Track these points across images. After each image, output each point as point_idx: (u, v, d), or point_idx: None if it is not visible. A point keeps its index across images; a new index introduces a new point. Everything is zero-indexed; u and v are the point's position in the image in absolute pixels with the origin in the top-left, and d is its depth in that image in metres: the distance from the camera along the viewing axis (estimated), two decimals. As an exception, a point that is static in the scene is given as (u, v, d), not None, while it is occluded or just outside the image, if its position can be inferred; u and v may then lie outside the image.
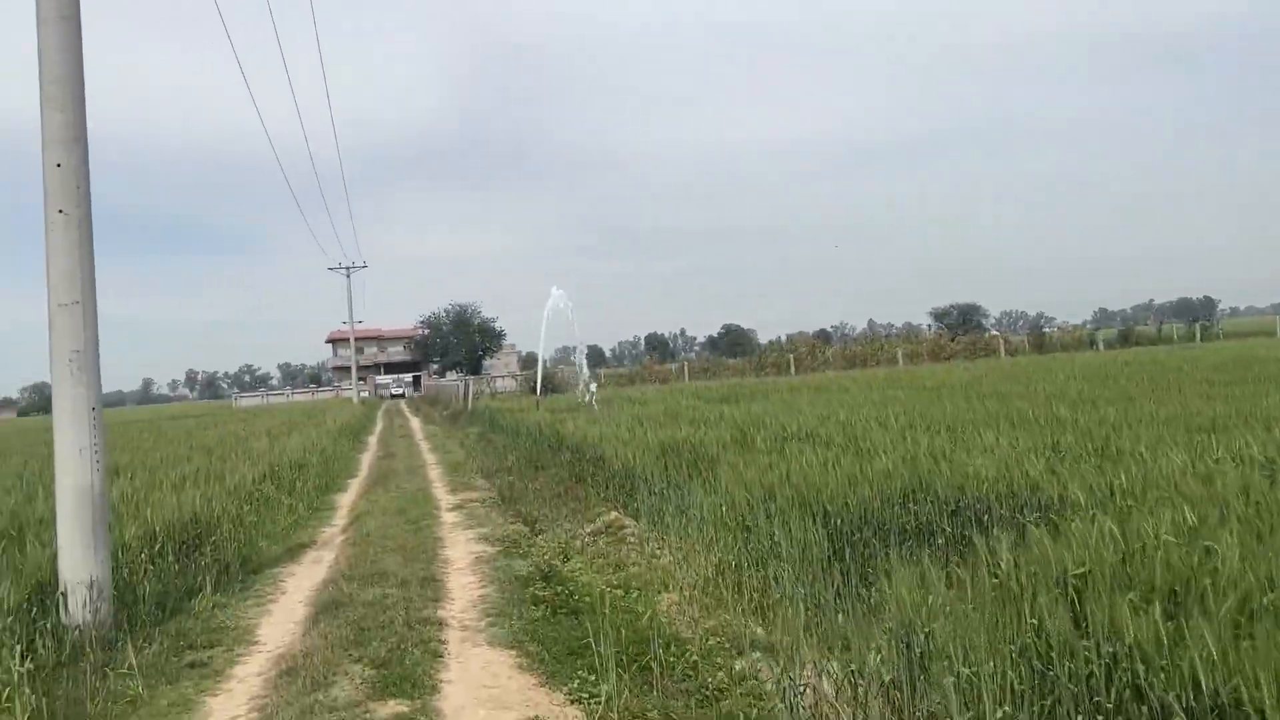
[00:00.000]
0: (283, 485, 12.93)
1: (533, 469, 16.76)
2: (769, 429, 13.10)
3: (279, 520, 10.81)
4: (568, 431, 16.30)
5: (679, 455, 10.68)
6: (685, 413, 18.18)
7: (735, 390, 28.33)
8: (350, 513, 12.01)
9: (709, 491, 8.57)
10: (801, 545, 6.37)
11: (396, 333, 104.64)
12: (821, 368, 47.44)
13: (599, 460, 12.70)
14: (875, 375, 31.12)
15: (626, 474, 11.01)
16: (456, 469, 16.36)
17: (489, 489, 13.69)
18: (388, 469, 17.17)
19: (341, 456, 19.88)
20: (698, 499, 8.42)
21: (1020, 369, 28.18)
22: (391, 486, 14.24)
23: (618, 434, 13.95)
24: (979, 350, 50.06)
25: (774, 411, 16.98)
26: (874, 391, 23.08)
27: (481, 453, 20.23)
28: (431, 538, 9.40)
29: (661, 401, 24.21)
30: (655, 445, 11.71)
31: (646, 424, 15.88)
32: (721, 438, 11.80)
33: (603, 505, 11.49)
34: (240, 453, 15.49)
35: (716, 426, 14.86)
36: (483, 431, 26.27)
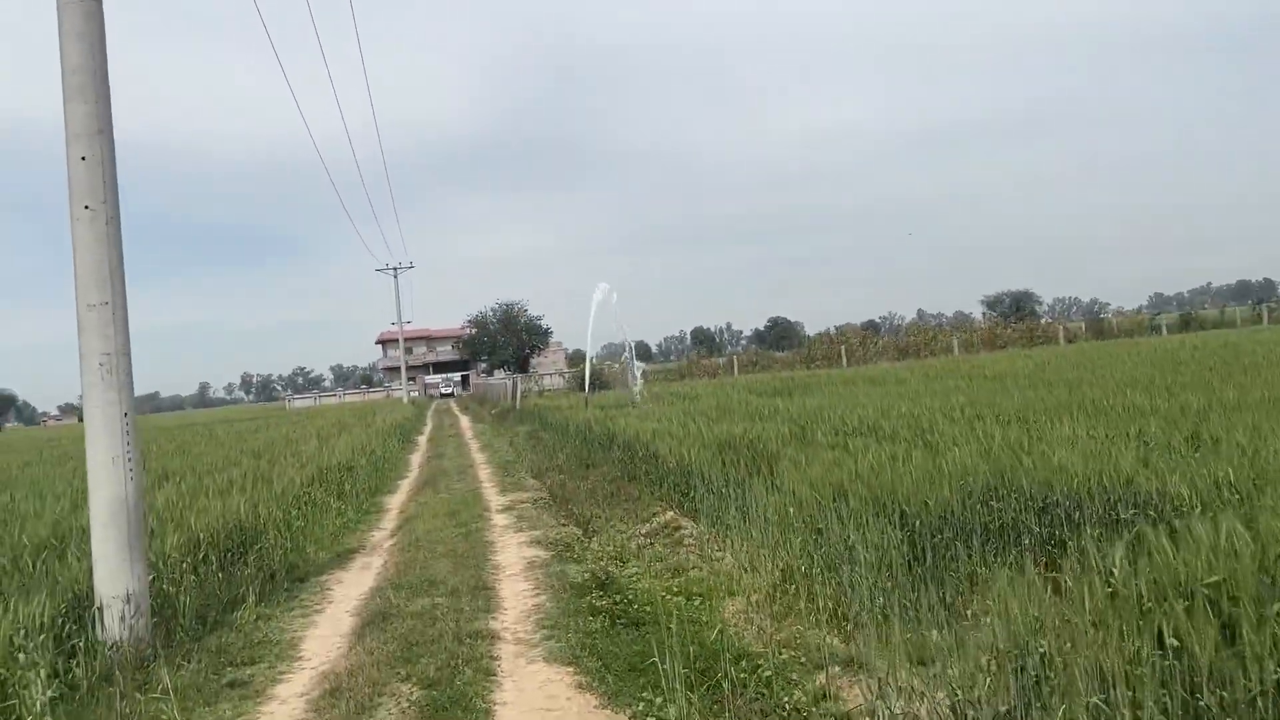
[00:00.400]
0: (331, 488, 12.69)
1: (583, 467, 16.39)
2: (828, 423, 12.56)
3: (327, 525, 10.54)
4: (618, 428, 15.90)
5: (737, 452, 10.20)
6: (738, 407, 17.68)
7: (787, 384, 27.76)
8: (400, 515, 11.72)
9: (771, 490, 8.08)
10: (879, 549, 5.87)
11: (445, 332, 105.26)
12: (874, 359, 46.45)
13: (652, 458, 12.27)
14: (931, 365, 30.28)
15: (682, 472, 10.56)
16: (506, 469, 16.04)
17: (539, 489, 13.33)
18: (437, 469, 16.91)
19: (391, 457, 19.70)
20: (760, 498, 7.95)
21: (1083, 355, 27.19)
22: (441, 488, 13.95)
23: (670, 430, 13.51)
24: (1035, 338, 48.71)
25: (830, 405, 16.41)
26: (933, 382, 22.36)
27: (531, 451, 19.92)
28: (482, 542, 9.05)
29: (712, 396, 23.70)
30: (711, 441, 11.24)
31: (699, 419, 15.41)
32: (780, 433, 11.29)
33: (657, 504, 11.06)
34: (289, 456, 15.33)
35: (772, 421, 14.34)
36: (532, 430, 26.00)
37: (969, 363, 30.28)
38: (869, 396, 18.00)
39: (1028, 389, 16.77)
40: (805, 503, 7.22)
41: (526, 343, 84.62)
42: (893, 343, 53.38)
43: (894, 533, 6.06)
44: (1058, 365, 23.75)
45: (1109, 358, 24.89)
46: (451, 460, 18.53)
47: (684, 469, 10.52)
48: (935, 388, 19.44)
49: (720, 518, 8.54)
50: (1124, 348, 30.57)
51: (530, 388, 49.14)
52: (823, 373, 33.89)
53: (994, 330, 50.62)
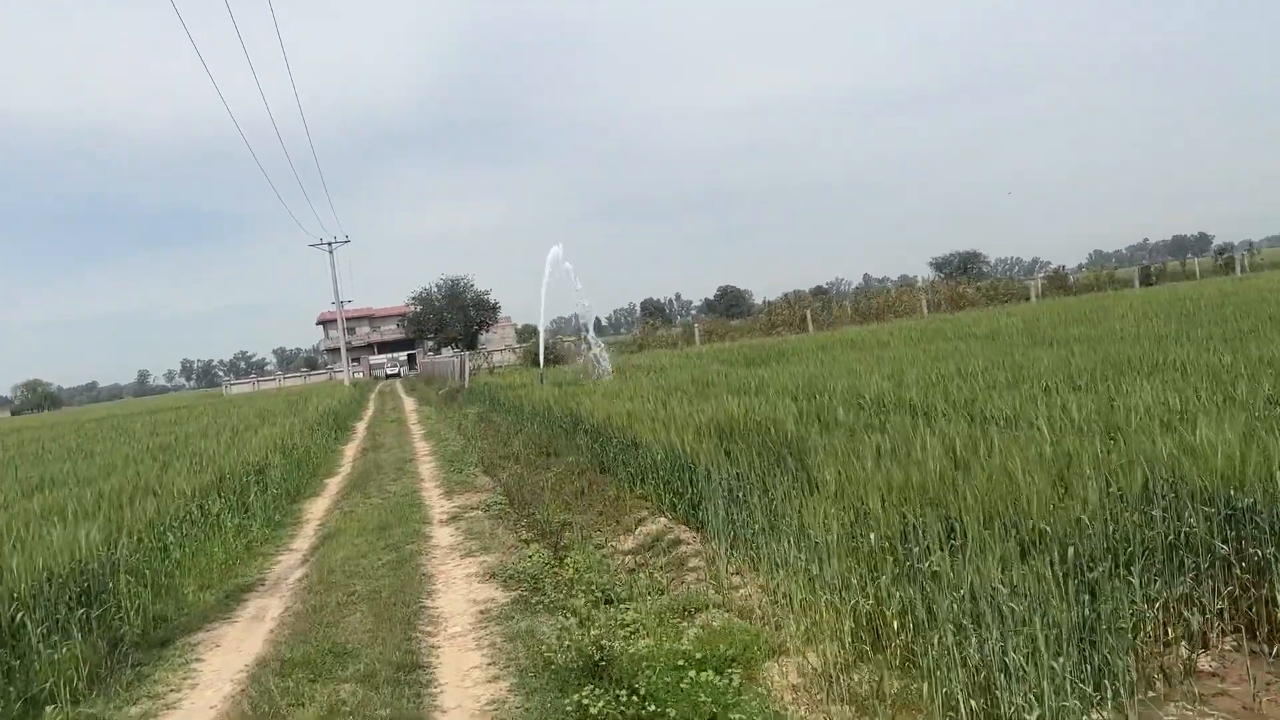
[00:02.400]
0: (233, 498, 10.28)
1: (544, 456, 14.13)
2: (837, 396, 10.46)
3: (216, 552, 8.16)
4: (584, 409, 13.66)
5: (744, 439, 8.02)
6: (717, 380, 15.52)
7: (758, 351, 25.71)
8: (319, 531, 9.39)
9: (810, 491, 5.92)
10: (1036, 599, 3.73)
11: (389, 311, 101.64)
12: (838, 323, 44.67)
13: (630, 446, 10.06)
14: (907, 326, 28.41)
15: (673, 465, 8.38)
16: (453, 461, 13.73)
17: (492, 488, 11.07)
18: (373, 464, 14.54)
19: (321, 450, 17.24)
20: (793, 506, 5.79)
21: (1070, 311, 25.46)
22: (374, 489, 11.62)
23: (648, 410, 11.30)
24: (999, 296, 47.31)
25: (823, 374, 14.33)
26: (921, 344, 20.42)
27: (482, 438, 17.59)
28: (417, 574, 6.78)
29: (681, 369, 21.53)
30: (706, 425, 9.06)
31: (676, 396, 13.24)
32: (790, 411, 9.15)
33: (642, 506, 8.88)
34: (192, 455, 12.83)
35: (763, 395, 12.23)
36: (482, 412, 23.61)
37: (948, 322, 28.43)
38: (861, 363, 15.95)
39: (1039, 347, 14.86)
40: (873, 515, 5.06)
41: (474, 318, 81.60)
42: (854, 306, 51.66)
43: (1044, 565, 3.92)
44: (1049, 321, 21.96)
45: (1100, 311, 23.17)
46: (390, 452, 16.14)
47: (675, 460, 8.32)
48: (929, 350, 17.47)
49: (738, 531, 6.38)
50: (1108, 301, 28.91)
51: (479, 365, 46.59)
52: (792, 338, 31.89)
53: (957, 289, 49.09)
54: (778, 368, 17.87)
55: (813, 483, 6.18)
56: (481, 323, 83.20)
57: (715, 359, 25.04)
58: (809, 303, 49.73)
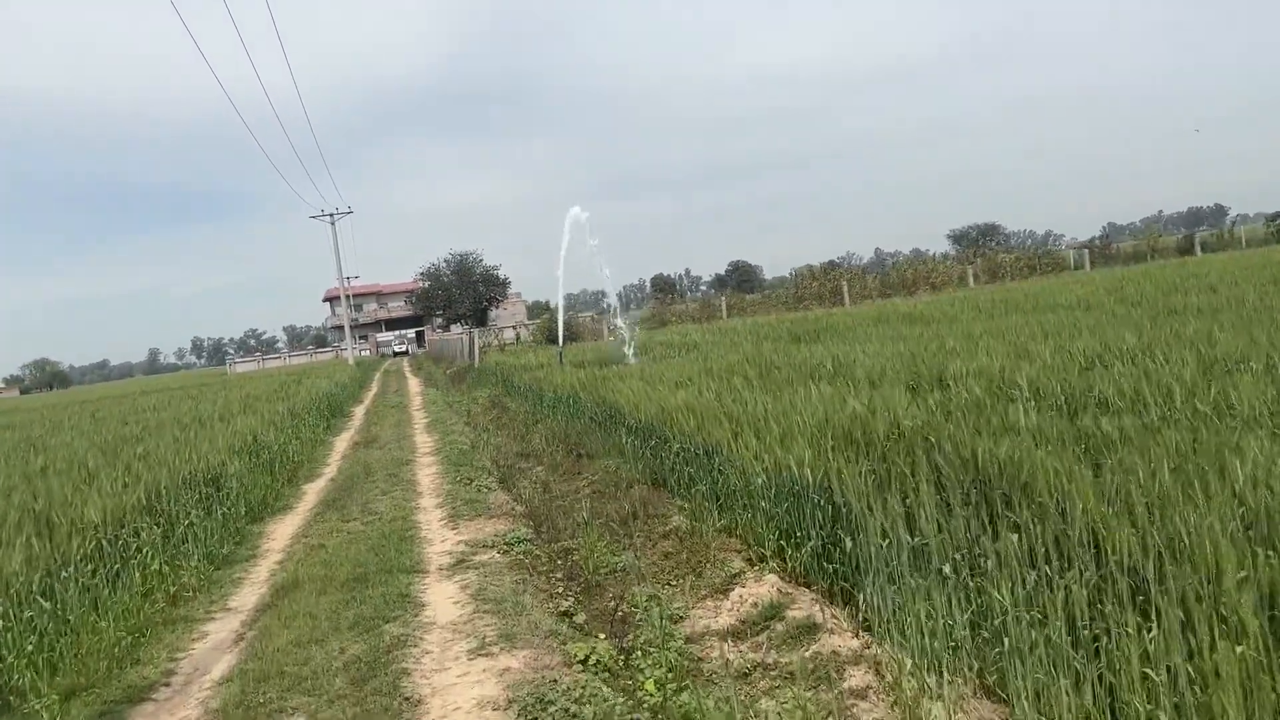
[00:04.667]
0: (169, 522, 7.63)
1: (572, 456, 11.46)
2: (980, 384, 7.74)
3: (107, 631, 5.49)
4: (621, 399, 10.97)
5: (899, 456, 5.30)
6: (778, 360, 12.79)
7: (800, 326, 22.88)
8: (272, 578, 6.74)
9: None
10: None
11: (397, 287, 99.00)
12: (870, 296, 41.83)
13: (702, 455, 7.37)
14: (965, 298, 25.56)
15: (785, 493, 5.68)
16: (460, 464, 11.06)
17: (510, 507, 8.39)
18: (363, 466, 11.88)
19: (307, 445, 14.60)
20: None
21: (1151, 278, 22.53)
22: (357, 507, 8.96)
23: (713, 403, 8.60)
24: (1043, 266, 44.38)
25: (913, 353, 11.60)
26: (999, 318, 17.64)
27: (494, 429, 14.93)
28: (396, 698, 4.09)
29: (722, 346, 18.80)
30: (816, 428, 6.32)
31: (737, 381, 10.54)
32: (927, 409, 6.41)
33: (729, 547, 6.21)
34: (133, 459, 10.18)
35: (857, 381, 9.52)
36: (494, 396, 20.94)
37: (1009, 292, 25.54)
38: (944, 338, 13.17)
39: (1172, 319, 12.08)
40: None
41: (484, 294, 78.87)
42: (882, 279, 48.75)
43: None
44: (1147, 290, 19.12)
45: (1192, 279, 20.29)
46: (386, 449, 13.47)
47: (789, 488, 5.61)
48: (1019, 324, 14.69)
49: (938, 628, 3.69)
50: (1168, 270, 25.86)
51: (489, 342, 43.92)
52: (828, 311, 29.00)
53: (996, 259, 46.19)
54: (838, 345, 15.10)
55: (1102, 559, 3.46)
56: (491, 299, 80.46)
57: (754, 335, 22.28)
58: (837, 275, 46.80)
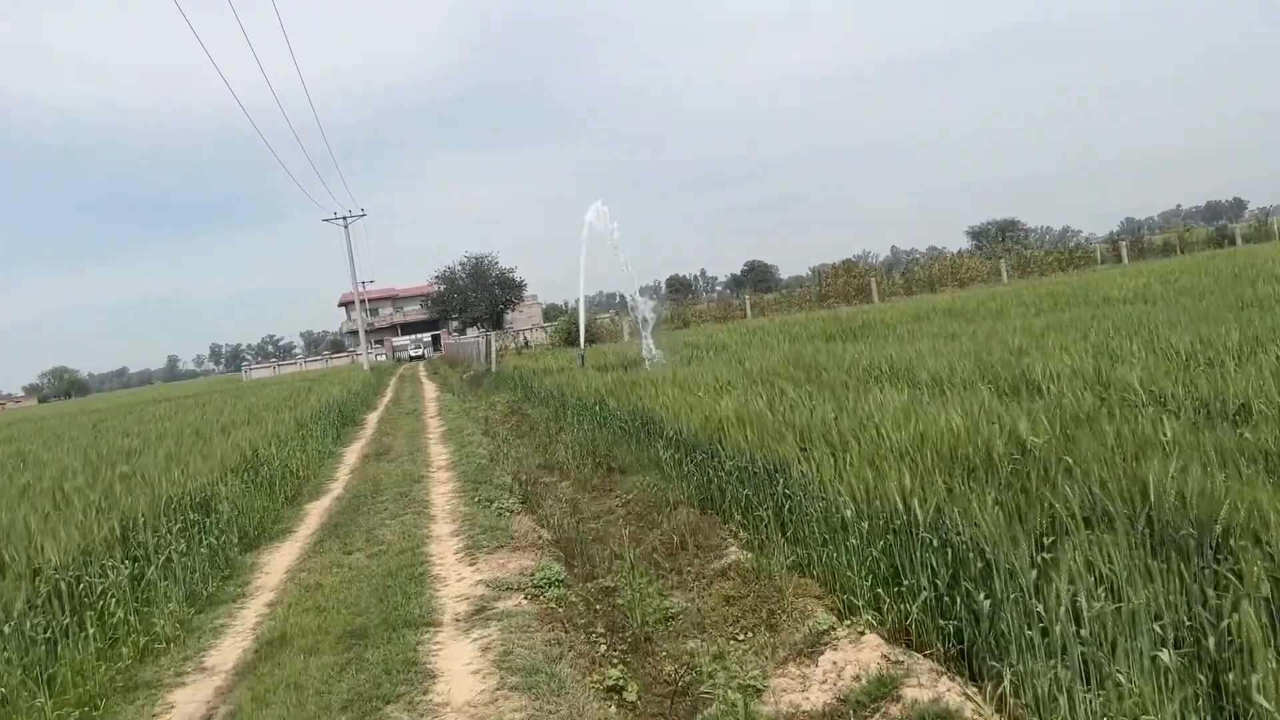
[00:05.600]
0: (145, 556, 6.63)
1: (601, 470, 10.39)
2: (1085, 389, 6.63)
3: (65, 692, 4.46)
4: (662, 408, 9.90)
5: (1024, 478, 4.22)
6: (824, 361, 11.68)
7: (833, 325, 21.74)
8: (258, 628, 5.71)
9: None
10: None
11: (412, 291, 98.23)
12: (899, 292, 40.63)
13: (759, 477, 6.29)
14: (1006, 292, 24.32)
15: (874, 521, 4.60)
16: (478, 481, 10.02)
17: (536, 533, 7.33)
18: (371, 483, 10.87)
19: (314, 458, 13.61)
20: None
21: (1202, 268, 21.24)
22: (362, 535, 7.93)
23: (764, 411, 7.51)
24: (1077, 261, 43.06)
25: (976, 351, 10.48)
26: (1053, 312, 16.47)
27: (514, 439, 13.90)
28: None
29: (754, 346, 17.72)
30: (907, 448, 5.24)
31: (783, 385, 9.45)
32: (1041, 424, 5.30)
33: (806, 590, 5.15)
34: (114, 480, 9.20)
35: (922, 384, 8.44)
36: (513, 402, 19.92)
37: (1054, 286, 24.26)
38: (1000, 335, 12.03)
39: (1258, 311, 10.92)
40: None
41: (500, 297, 77.86)
42: (907, 276, 47.46)
43: None
44: (1204, 281, 17.89)
45: (1249, 269, 19.04)
46: (398, 463, 12.46)
47: (886, 522, 4.52)
48: (1072, 319, 13.52)
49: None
50: (1226, 260, 24.53)
51: (506, 345, 42.92)
52: (870, 308, 27.72)
53: (1029, 255, 44.90)
54: (884, 344, 14.00)
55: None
56: (507, 301, 79.49)
57: (784, 334, 21.16)
58: (864, 272, 45.59)
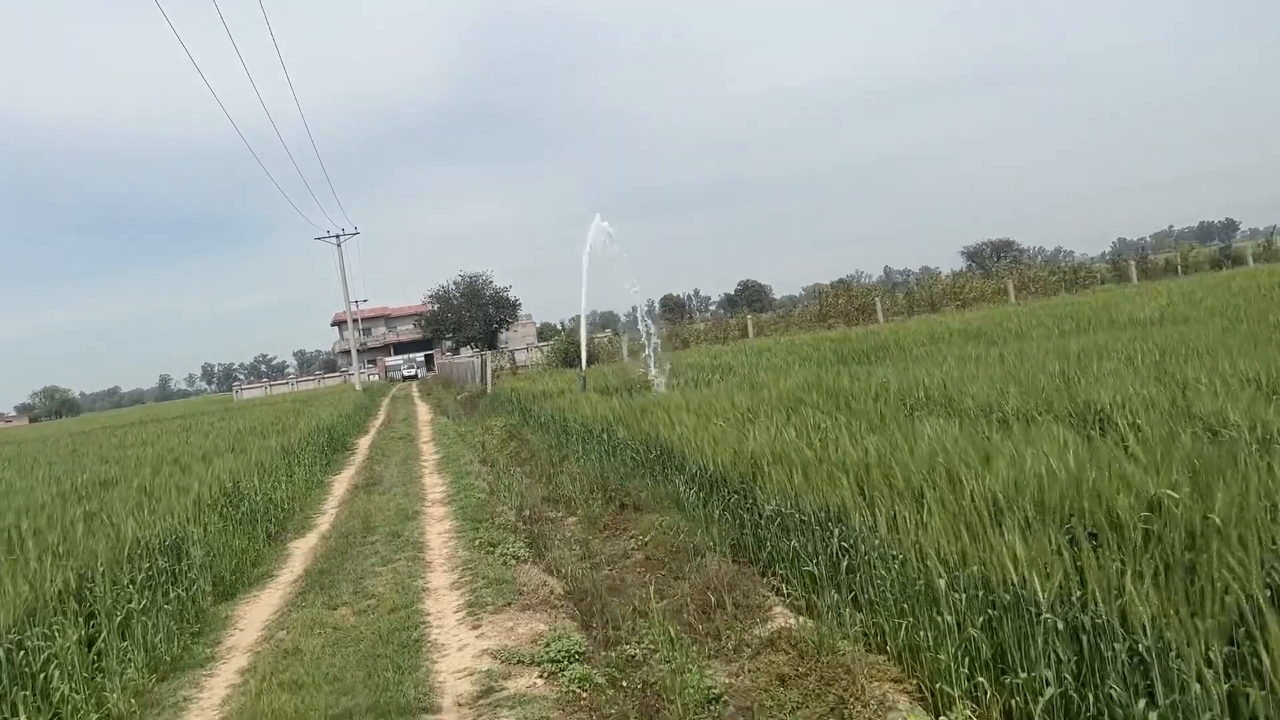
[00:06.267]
0: (106, 612, 5.73)
1: (612, 506, 9.48)
2: (1147, 417, 5.78)
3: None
4: (684, 440, 9.02)
5: (1168, 544, 3.37)
6: (851, 388, 10.81)
7: (843, 347, 20.89)
8: (222, 713, 4.81)
9: None
10: None
11: (405, 310, 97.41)
12: (902, 313, 39.88)
13: (812, 523, 5.43)
14: (1022, 313, 23.52)
15: (970, 590, 3.73)
16: (478, 519, 9.13)
17: (546, 586, 6.44)
18: (361, 519, 9.96)
19: (301, 488, 12.69)
20: None
21: (1221, 286, 20.49)
22: (347, 587, 7.03)
23: (810, 448, 6.65)
24: (1082, 280, 42.43)
25: (1004, 376, 9.64)
26: (1071, 335, 15.63)
27: (514, 470, 13.00)
28: None
29: (767, 369, 16.86)
30: (1003, 498, 4.39)
31: (812, 412, 8.60)
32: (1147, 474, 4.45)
33: (879, 667, 4.29)
34: (70, 525, 8.26)
35: (968, 414, 7.59)
36: (511, 427, 19.02)
37: (1061, 306, 23.50)
38: (1036, 358, 11.19)
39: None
40: None
41: (494, 316, 77.06)
42: (908, 295, 46.70)
43: None
44: (1214, 301, 17.14)
45: (1273, 289, 18.28)
46: (390, 495, 11.55)
47: (974, 584, 3.67)
48: (1107, 341, 12.68)
49: None
50: (1246, 279, 23.80)
51: (502, 365, 42.01)
52: (882, 330, 26.87)
53: (1035, 274, 44.28)
54: (906, 367, 13.13)
55: None
56: (501, 321, 78.66)
57: (793, 356, 20.32)
58: (867, 292, 44.88)
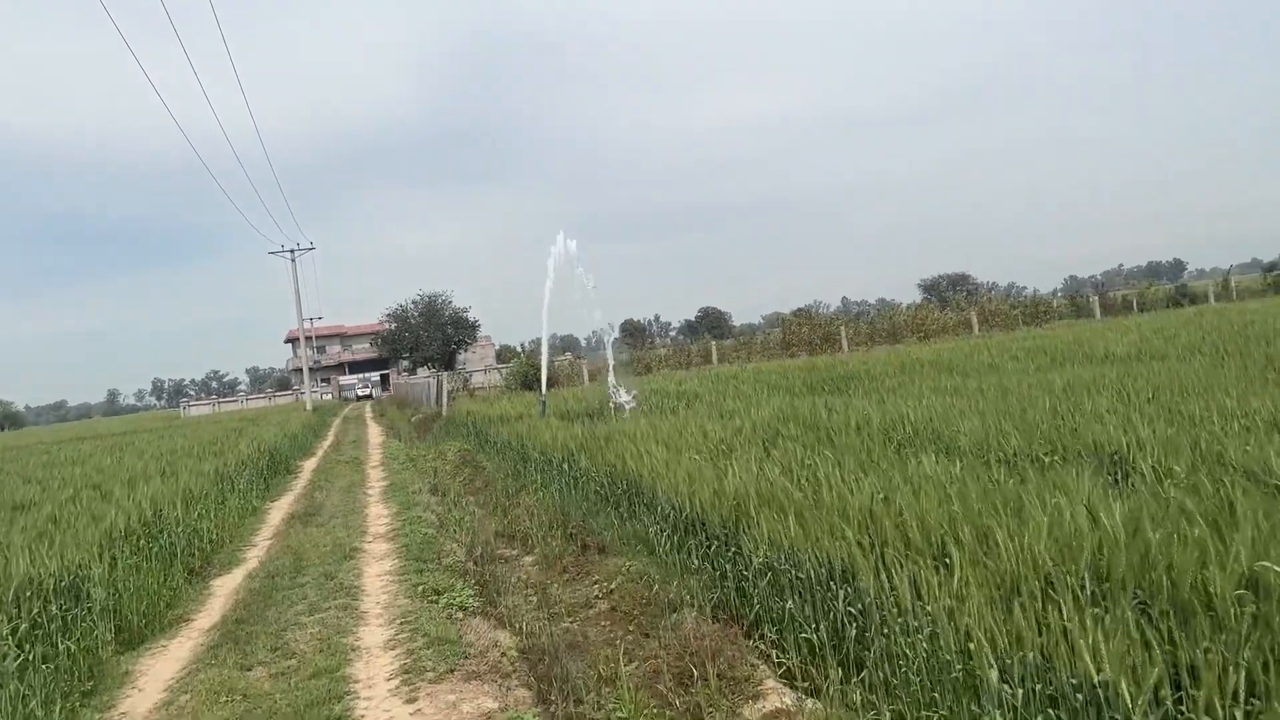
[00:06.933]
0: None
1: (573, 545, 8.63)
2: (1179, 463, 5.12)
3: None
4: (645, 470, 8.22)
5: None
6: (830, 418, 10.10)
7: (810, 375, 20.27)
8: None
9: None
10: None
11: (361, 329, 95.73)
12: (865, 343, 39.49)
13: (812, 582, 4.65)
14: (984, 346, 23.08)
15: (1026, 682, 2.96)
16: (424, 559, 8.23)
17: (498, 647, 5.58)
18: (293, 556, 9.00)
19: (232, 516, 11.66)
20: None
21: (1187, 322, 20.20)
22: (265, 644, 6.10)
23: (799, 489, 5.87)
24: (1042, 315, 42.41)
25: (992, 411, 9.01)
26: (1046, 370, 15.09)
27: (467, 496, 12.10)
28: None
29: (735, 397, 16.13)
30: (1093, 563, 3.64)
31: (792, 445, 7.85)
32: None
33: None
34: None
35: (984, 457, 6.90)
36: (466, 453, 18.06)
37: (1027, 339, 23.12)
38: (1036, 392, 10.61)
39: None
40: None
41: (452, 337, 75.77)
42: (874, 325, 46.37)
43: None
44: (1187, 337, 16.80)
45: (1245, 325, 18.01)
46: (328, 528, 10.58)
47: (1031, 674, 2.93)
48: (1091, 376, 12.14)
49: None
50: (1215, 315, 23.64)
51: (458, 387, 40.90)
52: (850, 359, 26.27)
53: (997, 307, 44.23)
54: (881, 399, 12.43)
55: None
56: (460, 341, 77.39)
57: (761, 385, 19.61)
58: (832, 321, 44.53)
